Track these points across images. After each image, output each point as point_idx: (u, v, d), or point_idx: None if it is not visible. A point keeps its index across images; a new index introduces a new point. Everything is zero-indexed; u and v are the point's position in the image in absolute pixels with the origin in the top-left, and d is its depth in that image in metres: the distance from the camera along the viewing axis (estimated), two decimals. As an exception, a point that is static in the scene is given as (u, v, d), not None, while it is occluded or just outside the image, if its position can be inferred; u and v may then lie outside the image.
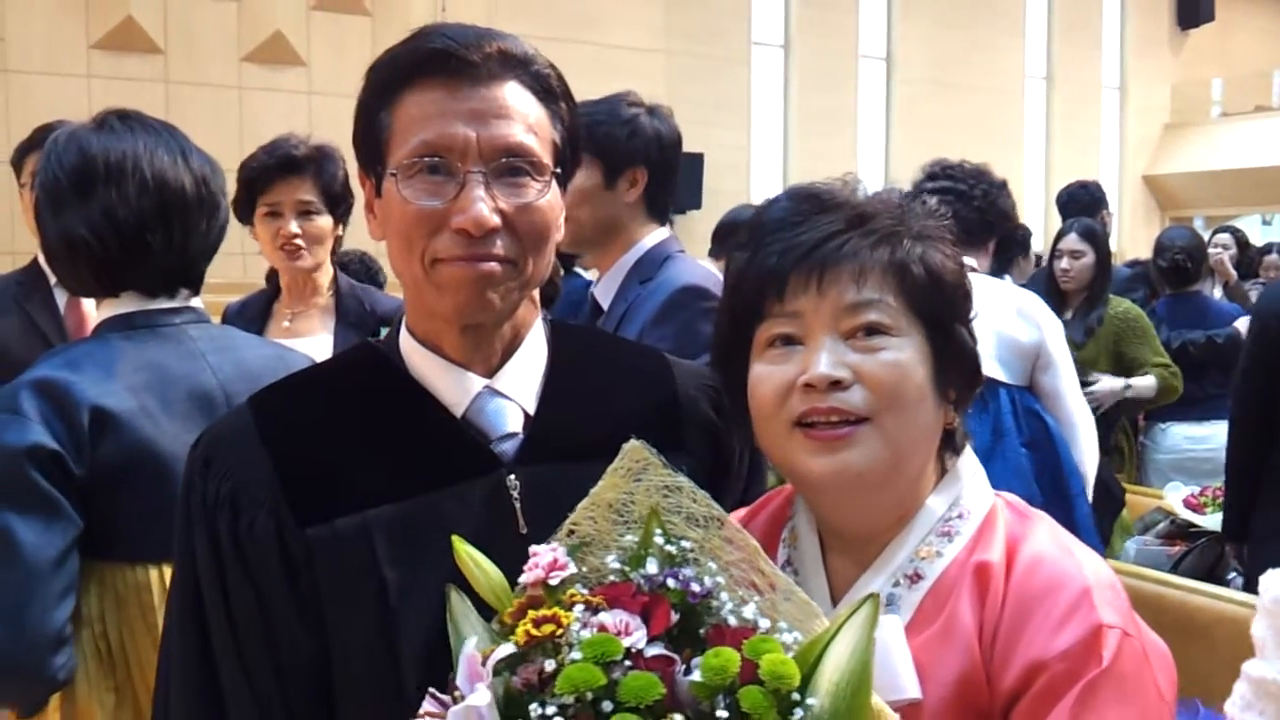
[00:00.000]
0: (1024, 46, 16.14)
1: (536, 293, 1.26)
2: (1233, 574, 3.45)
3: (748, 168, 13.68)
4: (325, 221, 2.79)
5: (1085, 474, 2.95)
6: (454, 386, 1.19)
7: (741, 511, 1.27)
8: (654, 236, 2.41)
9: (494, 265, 1.12)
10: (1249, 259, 7.29)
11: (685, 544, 1.00)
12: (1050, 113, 16.60)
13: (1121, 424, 4.76)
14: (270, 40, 10.44)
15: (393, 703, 1.10)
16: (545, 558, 0.99)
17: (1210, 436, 4.88)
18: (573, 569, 0.99)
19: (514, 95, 1.14)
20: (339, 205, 2.82)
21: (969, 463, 1.19)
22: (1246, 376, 3.24)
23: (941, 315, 1.13)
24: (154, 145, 1.73)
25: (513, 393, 1.21)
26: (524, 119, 1.14)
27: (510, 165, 1.12)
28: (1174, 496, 3.86)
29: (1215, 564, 3.54)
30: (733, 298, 1.17)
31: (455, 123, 1.11)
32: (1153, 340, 4.47)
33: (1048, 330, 2.98)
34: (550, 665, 0.90)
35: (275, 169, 2.74)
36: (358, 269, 4.33)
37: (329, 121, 10.12)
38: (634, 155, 2.34)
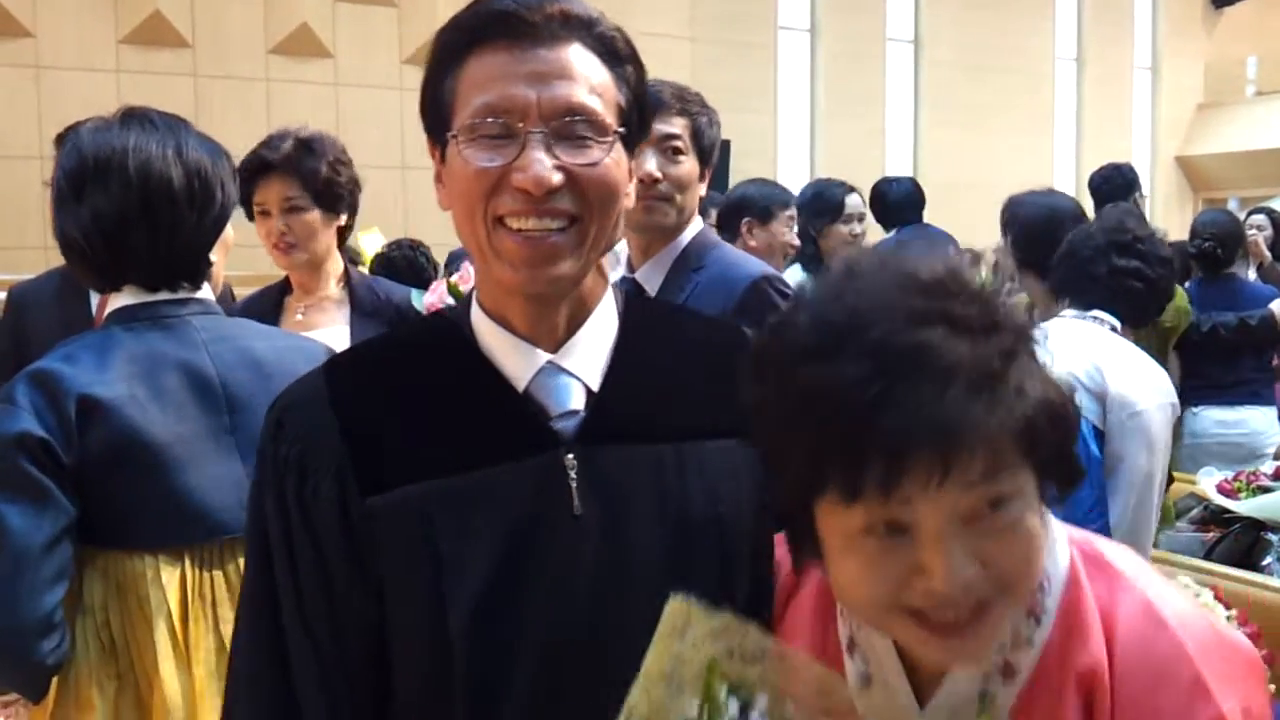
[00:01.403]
0: (1054, 27, 15.96)
1: (606, 263, 1.24)
2: (1268, 559, 3.41)
3: (775, 153, 13.62)
4: (313, 216, 2.82)
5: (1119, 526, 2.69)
6: (518, 360, 1.18)
7: (781, 579, 1.19)
8: (695, 225, 2.49)
9: (555, 240, 1.11)
10: None
11: (757, 694, 0.92)
12: (1081, 94, 16.42)
13: None
14: (297, 32, 10.47)
15: (442, 672, 1.12)
16: None
17: (1243, 421, 4.82)
18: None
19: (577, 57, 1.13)
20: (326, 196, 2.83)
21: (1047, 521, 1.04)
22: None
23: (1059, 447, 0.98)
24: (145, 140, 1.76)
25: (577, 368, 1.19)
26: (586, 80, 1.13)
27: (571, 126, 1.11)
28: (1207, 482, 3.81)
29: (1250, 549, 3.49)
30: (806, 480, 0.95)
31: (516, 84, 1.10)
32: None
33: (1113, 386, 2.68)
34: None
35: (256, 171, 2.80)
36: (398, 258, 4.40)
37: (356, 113, 10.18)
38: (715, 152, 2.48)
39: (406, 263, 4.61)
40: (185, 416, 1.72)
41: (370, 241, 4.29)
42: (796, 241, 4.25)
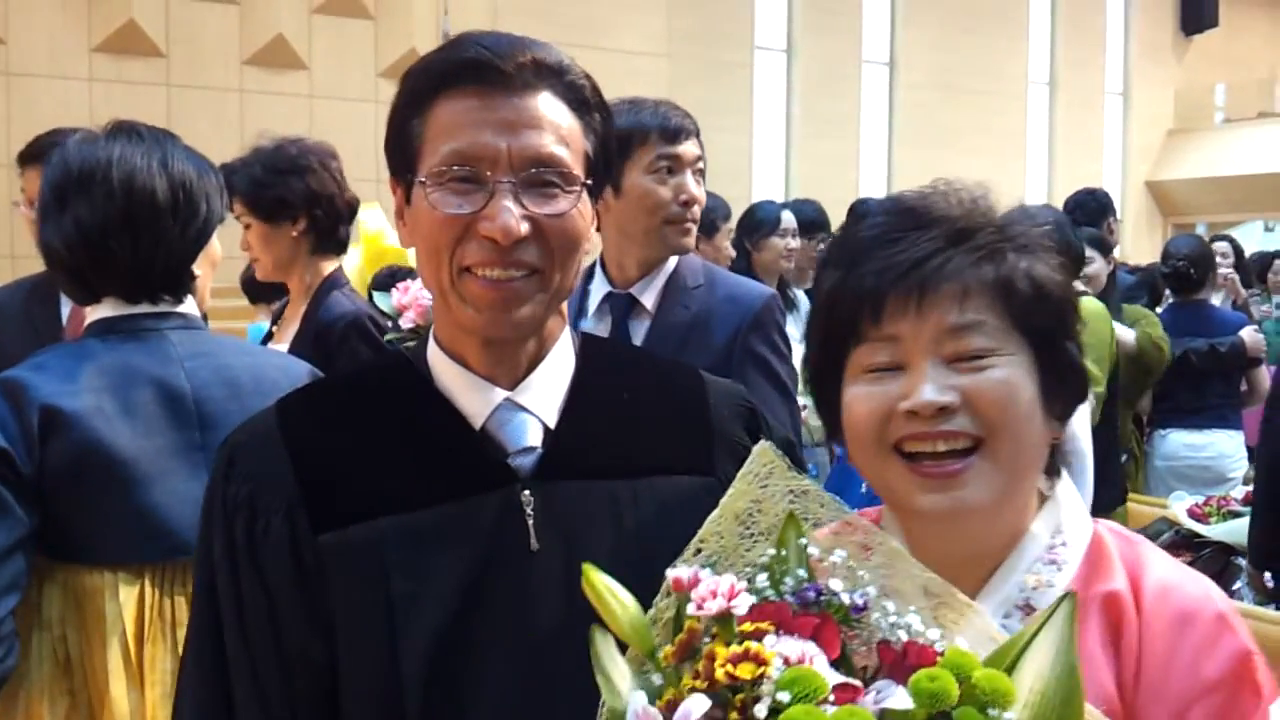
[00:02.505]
0: (1027, 51, 16.15)
1: (564, 305, 1.23)
2: (1238, 584, 3.43)
3: (750, 172, 13.68)
4: (258, 230, 2.76)
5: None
6: (475, 398, 1.17)
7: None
8: None
9: (519, 285, 1.11)
10: (1243, 267, 7.30)
11: (837, 553, 0.92)
12: (1053, 118, 16.61)
13: (1131, 430, 4.76)
14: (272, 44, 10.45)
15: (394, 712, 1.10)
16: (721, 584, 0.87)
17: (1210, 444, 4.86)
18: (750, 598, 0.87)
19: (547, 105, 1.13)
20: (261, 205, 2.74)
21: (1067, 487, 1.14)
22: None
23: (1048, 330, 1.07)
24: (130, 152, 1.74)
25: (534, 406, 1.18)
26: (556, 129, 1.13)
27: (540, 176, 1.11)
28: (1178, 506, 3.83)
29: (1221, 574, 3.51)
30: (826, 319, 1.11)
31: (486, 132, 1.10)
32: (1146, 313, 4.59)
33: None
34: (762, 711, 0.79)
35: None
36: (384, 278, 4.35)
37: (330, 125, 10.12)
38: None
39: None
40: (154, 431, 1.70)
41: (371, 217, 4.16)
42: (733, 253, 4.32)
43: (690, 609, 0.88)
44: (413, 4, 10.81)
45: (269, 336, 3.00)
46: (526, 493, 1.15)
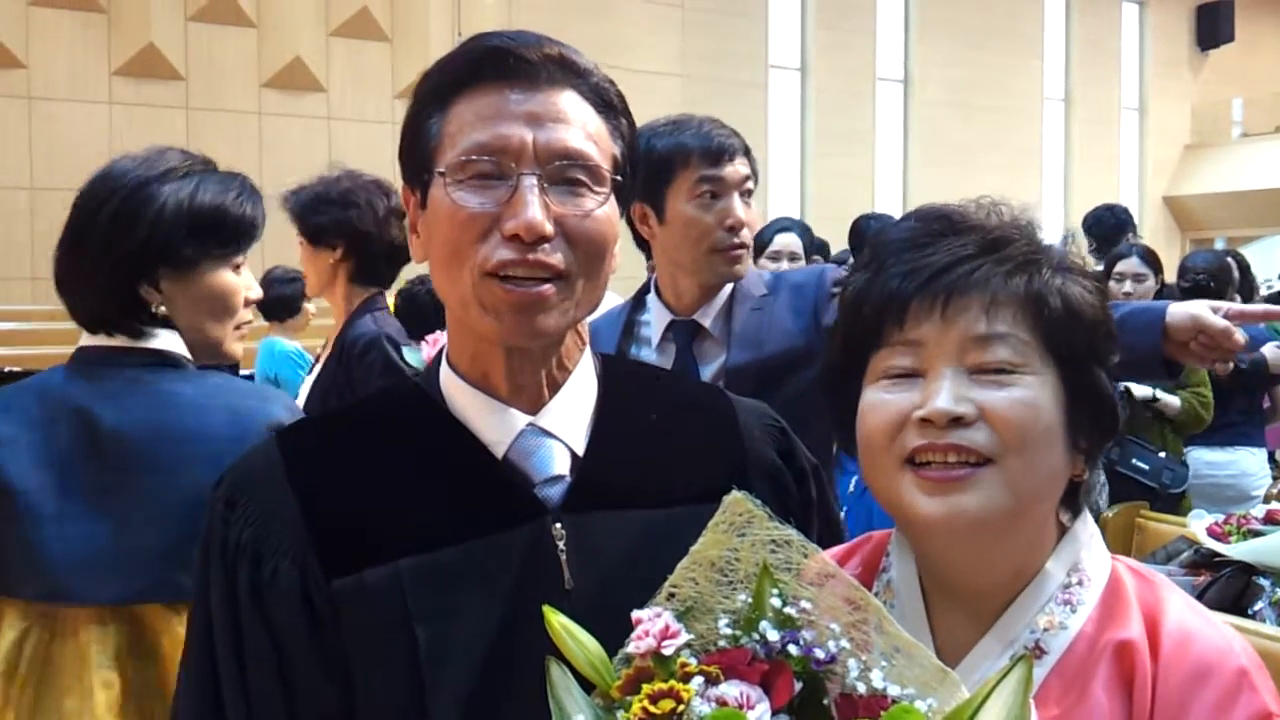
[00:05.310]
0: (1043, 67, 16.12)
1: (585, 326, 1.16)
2: (1260, 605, 3.39)
3: (765, 191, 13.68)
4: (303, 250, 2.89)
5: None
6: (495, 424, 1.09)
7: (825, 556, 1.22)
8: None
9: (544, 289, 1.04)
10: (1249, 282, 7.23)
11: (803, 604, 0.92)
12: (1069, 134, 16.56)
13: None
14: (290, 66, 10.52)
15: None
16: (655, 624, 0.90)
17: (1232, 462, 4.82)
18: (686, 636, 0.90)
19: (571, 103, 1.08)
20: (308, 230, 2.86)
21: (1086, 524, 1.08)
22: None
23: (1079, 354, 1.02)
24: (114, 166, 1.68)
25: (559, 431, 1.11)
26: (583, 126, 1.07)
27: (567, 171, 1.05)
28: (1197, 525, 3.77)
29: (1241, 594, 3.47)
30: (850, 321, 1.07)
31: (511, 124, 1.04)
32: (1200, 370, 4.53)
33: None
34: None
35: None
36: (421, 294, 4.35)
37: (348, 147, 10.18)
38: None
39: (431, 298, 4.48)
40: (64, 469, 1.61)
41: None
42: None
43: (629, 647, 0.90)
44: (429, 26, 10.87)
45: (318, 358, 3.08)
46: (558, 526, 1.07)
